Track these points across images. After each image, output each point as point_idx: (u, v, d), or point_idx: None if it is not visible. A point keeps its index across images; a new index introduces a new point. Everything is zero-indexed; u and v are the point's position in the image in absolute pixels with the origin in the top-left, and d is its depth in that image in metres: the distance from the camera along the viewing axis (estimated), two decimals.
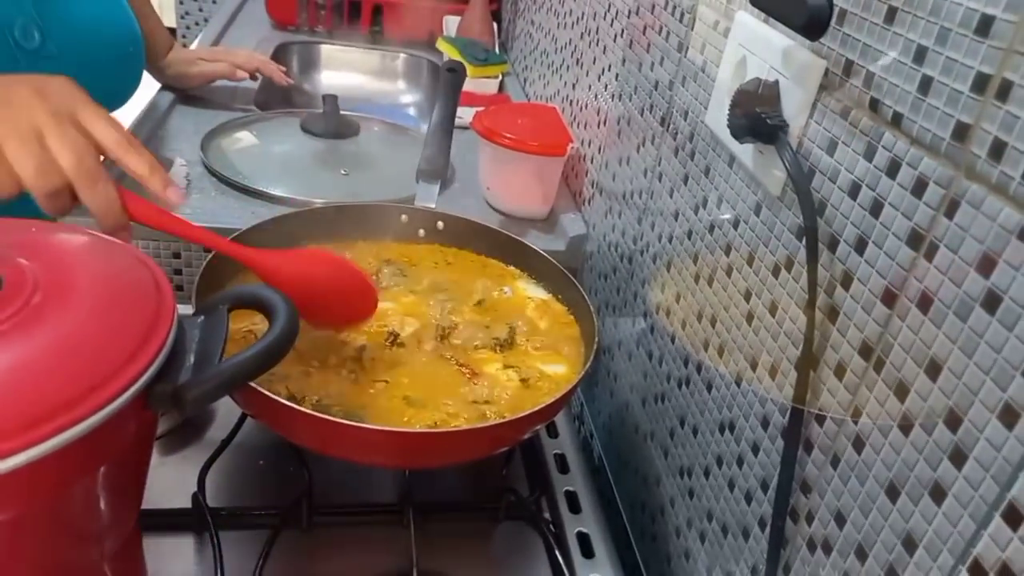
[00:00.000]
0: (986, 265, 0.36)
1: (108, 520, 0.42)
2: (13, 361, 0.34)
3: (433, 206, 0.83)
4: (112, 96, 0.89)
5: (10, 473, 0.32)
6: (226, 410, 0.73)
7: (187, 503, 0.61)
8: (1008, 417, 0.34)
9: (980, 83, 0.36)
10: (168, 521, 0.60)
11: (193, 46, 1.44)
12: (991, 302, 0.35)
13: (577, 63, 1.07)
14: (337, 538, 0.63)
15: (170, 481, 0.64)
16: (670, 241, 0.72)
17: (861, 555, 0.43)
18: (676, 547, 0.67)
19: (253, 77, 1.26)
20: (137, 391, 0.36)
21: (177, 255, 0.93)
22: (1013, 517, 0.33)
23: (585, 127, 1.01)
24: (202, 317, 0.42)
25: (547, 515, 0.67)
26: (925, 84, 0.39)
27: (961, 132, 0.37)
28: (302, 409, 0.56)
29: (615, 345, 0.86)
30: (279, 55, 1.50)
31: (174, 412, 0.38)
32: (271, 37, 1.56)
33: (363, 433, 0.55)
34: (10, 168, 0.50)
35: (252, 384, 0.55)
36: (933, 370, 0.38)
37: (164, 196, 0.55)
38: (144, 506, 0.48)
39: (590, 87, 1.00)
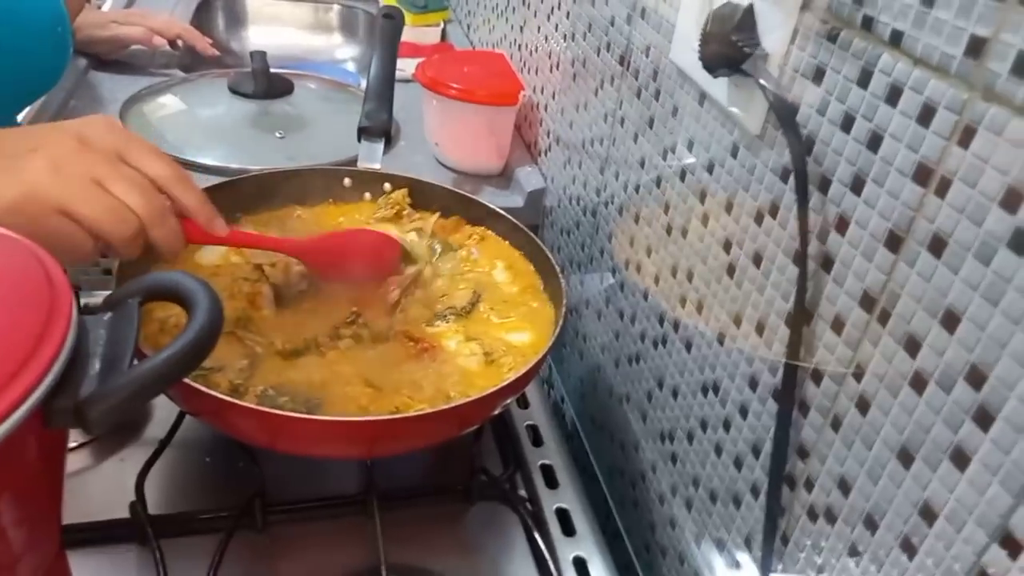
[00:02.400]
0: (1013, 199, 0.31)
1: (23, 554, 0.36)
2: None
3: (378, 166, 0.76)
4: (42, 79, 0.81)
5: None
6: (162, 406, 0.66)
7: (125, 513, 0.55)
8: None
9: None
10: (104, 535, 0.54)
11: (106, 7, 1.32)
12: (1020, 241, 0.31)
13: (524, 3, 1.00)
14: (297, 537, 0.58)
15: (105, 489, 0.58)
16: (636, 191, 0.67)
17: (870, 524, 0.39)
18: (660, 515, 0.64)
19: (173, 45, 1.16)
20: (30, 409, 0.30)
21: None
22: None
23: (537, 72, 0.95)
24: (109, 314, 0.36)
25: (523, 492, 0.63)
26: None
27: (976, 47, 0.32)
28: (245, 404, 0.50)
29: (582, 304, 0.81)
30: (202, 12, 1.40)
31: (78, 427, 0.32)
32: None
33: (316, 426, 0.50)
34: (88, 227, 0.48)
35: (187, 380, 0.49)
36: (950, 321, 0.34)
37: (211, 230, 0.56)
38: (76, 519, 0.43)
39: (539, 28, 0.93)
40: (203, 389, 0.49)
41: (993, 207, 0.32)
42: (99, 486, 0.59)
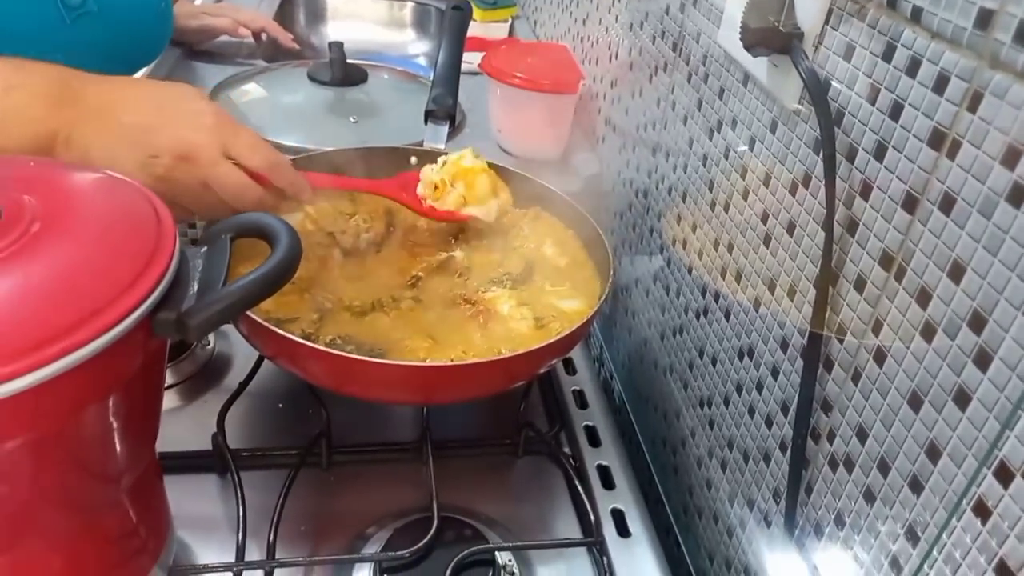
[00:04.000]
0: (1011, 157, 0.34)
1: (124, 451, 0.42)
2: (13, 287, 0.34)
3: (443, 147, 0.81)
4: (146, 50, 0.90)
5: (16, 396, 0.32)
6: (242, 357, 0.73)
7: (207, 447, 0.62)
8: None
9: None
10: (189, 463, 0.61)
11: (198, 0, 1.42)
12: (1017, 195, 0.34)
13: None
14: (356, 476, 0.63)
15: (190, 426, 0.65)
16: (684, 171, 0.70)
17: (884, 468, 0.42)
18: (698, 478, 0.67)
19: (257, 37, 1.24)
20: (140, 317, 0.35)
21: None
22: None
23: (596, 63, 0.99)
24: (204, 248, 0.42)
25: (567, 449, 0.67)
26: None
27: (984, 19, 0.35)
28: (317, 347, 0.55)
29: (632, 283, 0.84)
30: (284, 8, 1.48)
31: (179, 337, 0.37)
32: None
33: (379, 369, 0.55)
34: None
35: (267, 325, 0.55)
36: (956, 272, 0.37)
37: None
38: (164, 449, 0.49)
39: (600, 21, 0.97)
40: (282, 333, 0.55)
41: (995, 165, 0.35)
42: (184, 423, 0.66)
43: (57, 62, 0.59)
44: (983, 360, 0.35)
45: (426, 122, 0.82)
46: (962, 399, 0.37)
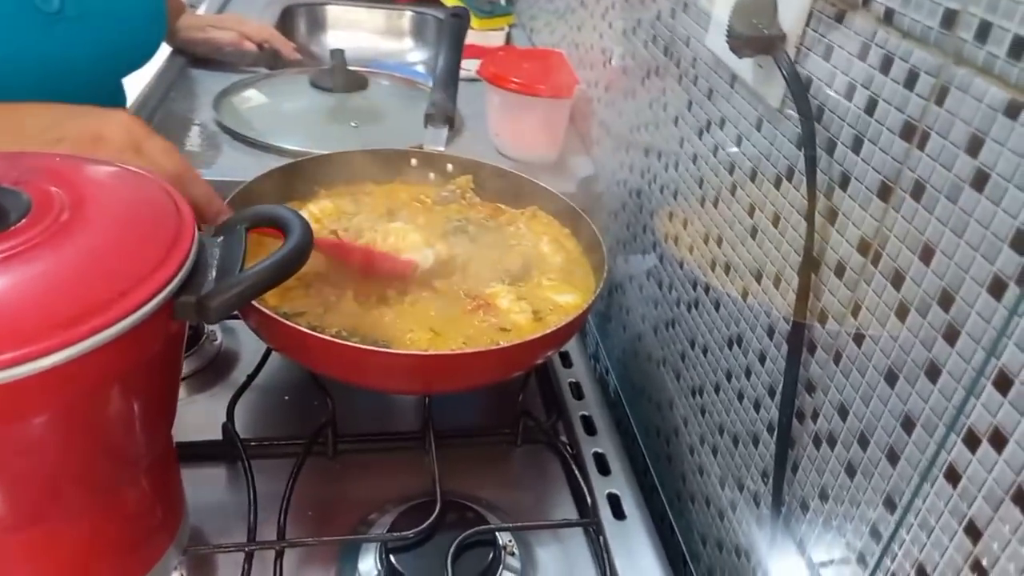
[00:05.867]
0: (975, 145, 0.37)
1: (144, 432, 0.45)
2: (48, 269, 0.36)
3: (442, 149, 0.84)
4: (135, 55, 0.91)
5: (49, 371, 0.34)
6: (248, 352, 0.75)
7: (216, 437, 0.64)
8: (997, 289, 0.35)
9: None
10: (200, 452, 0.63)
11: (201, 10, 1.45)
12: (979, 180, 0.36)
13: (581, 4, 1.07)
14: (361, 464, 0.66)
15: (199, 417, 0.67)
16: (676, 169, 0.73)
17: (863, 443, 0.45)
18: (690, 464, 0.69)
19: (261, 48, 1.27)
20: (164, 298, 0.38)
21: None
22: (1003, 382, 0.35)
23: (591, 68, 1.02)
24: (221, 237, 0.44)
25: (563, 438, 0.70)
26: None
27: (949, 19, 0.38)
28: (325, 337, 0.58)
29: (626, 280, 0.87)
30: (286, 18, 1.51)
31: (199, 319, 0.40)
32: None
33: (384, 358, 0.57)
34: None
35: (275, 316, 0.57)
36: (927, 255, 0.40)
37: (215, 221, 0.59)
38: (175, 439, 0.51)
39: (595, 27, 1.00)
40: (291, 324, 0.57)
41: (960, 153, 0.37)
42: (194, 415, 0.68)
43: (34, 68, 0.60)
44: (951, 335, 0.38)
45: (426, 125, 0.85)
46: (933, 372, 0.39)
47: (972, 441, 0.37)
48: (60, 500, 0.43)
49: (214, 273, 0.41)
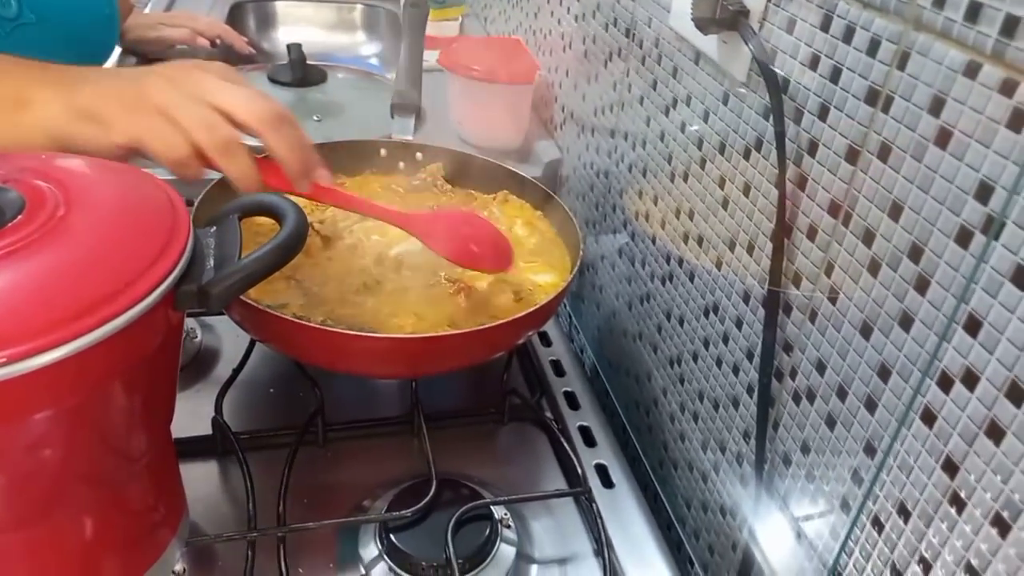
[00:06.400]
0: (936, 106, 0.39)
1: (145, 427, 0.45)
2: (49, 264, 0.36)
3: (410, 138, 0.85)
4: (95, 54, 0.90)
5: (55, 364, 0.34)
6: (230, 348, 0.75)
7: (205, 433, 0.64)
8: (963, 238, 0.38)
9: None
10: (192, 448, 0.63)
11: (147, 9, 1.42)
12: (943, 138, 0.39)
13: None
14: (353, 451, 0.66)
15: (185, 414, 0.66)
16: (643, 147, 0.75)
17: (842, 394, 0.47)
18: (671, 432, 0.72)
19: (214, 44, 1.26)
20: (167, 289, 0.38)
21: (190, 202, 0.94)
22: (973, 325, 0.37)
23: (551, 54, 1.03)
24: (215, 228, 0.45)
25: (548, 414, 0.71)
26: None
27: None
28: (313, 325, 0.58)
29: (598, 259, 0.89)
30: (235, 15, 1.49)
31: (202, 308, 0.40)
32: None
33: (370, 343, 0.58)
34: (151, 150, 0.54)
35: (261, 307, 0.58)
36: (895, 212, 0.42)
37: (296, 187, 0.59)
38: None
39: (552, 13, 1.02)
40: (277, 314, 0.58)
41: (923, 114, 0.40)
42: (180, 412, 0.67)
43: None
44: (922, 285, 0.40)
45: (392, 115, 0.86)
46: (906, 322, 0.42)
47: (946, 383, 0.39)
48: (65, 497, 0.43)
49: (212, 262, 0.42)
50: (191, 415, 0.66)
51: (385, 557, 0.56)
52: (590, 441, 0.68)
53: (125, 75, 0.58)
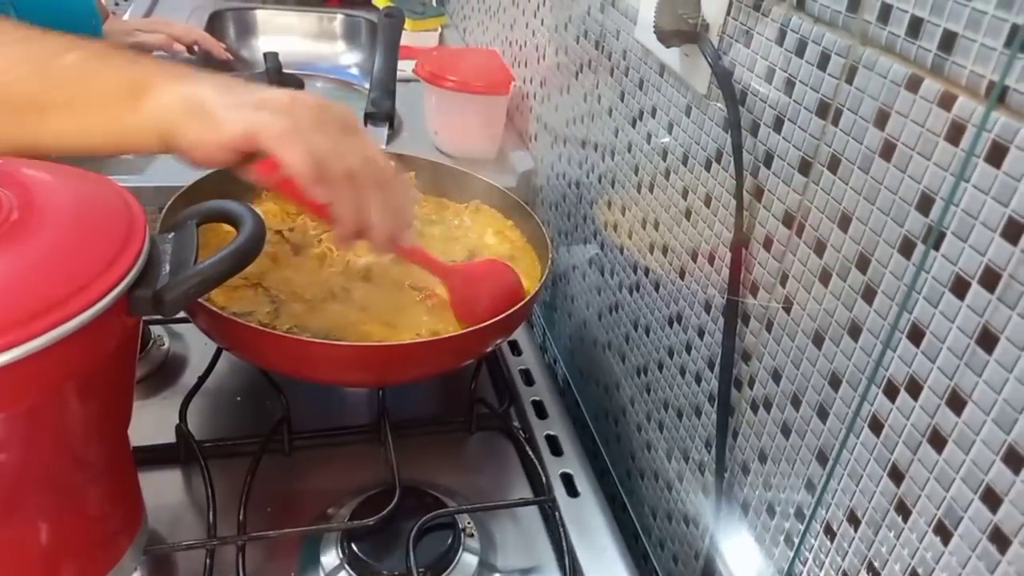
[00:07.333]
0: (882, 119, 0.40)
1: (101, 432, 0.45)
2: (2, 268, 0.36)
3: (383, 147, 0.85)
4: None
5: (9, 368, 0.34)
6: (196, 356, 0.75)
7: (169, 441, 0.64)
8: (906, 248, 0.38)
9: None
10: (155, 456, 0.63)
11: (126, 16, 1.42)
12: (887, 150, 0.39)
13: (513, 3, 1.09)
14: (318, 459, 0.66)
15: (150, 422, 0.66)
16: (612, 158, 0.75)
17: (796, 403, 0.48)
18: (638, 442, 0.72)
19: (191, 51, 1.26)
20: (121, 292, 0.38)
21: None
22: (915, 334, 0.38)
23: (525, 65, 1.04)
24: (172, 233, 0.45)
25: (516, 423, 0.71)
26: None
27: (855, 3, 0.41)
28: (279, 333, 0.58)
29: (570, 269, 0.89)
30: (214, 22, 1.49)
31: (156, 313, 0.40)
32: (205, 4, 1.55)
33: (336, 351, 0.58)
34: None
35: (226, 315, 0.58)
36: (844, 222, 0.43)
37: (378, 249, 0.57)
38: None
39: (527, 25, 1.02)
40: (242, 322, 0.58)
41: (869, 127, 0.41)
42: (144, 420, 0.67)
43: None
44: (869, 294, 0.41)
45: (366, 124, 0.86)
46: (854, 331, 0.42)
47: (891, 391, 0.40)
48: (18, 502, 0.43)
49: (167, 268, 0.42)
50: (156, 423, 0.65)
51: (346, 566, 0.56)
52: (556, 450, 0.68)
53: (245, 83, 0.56)
